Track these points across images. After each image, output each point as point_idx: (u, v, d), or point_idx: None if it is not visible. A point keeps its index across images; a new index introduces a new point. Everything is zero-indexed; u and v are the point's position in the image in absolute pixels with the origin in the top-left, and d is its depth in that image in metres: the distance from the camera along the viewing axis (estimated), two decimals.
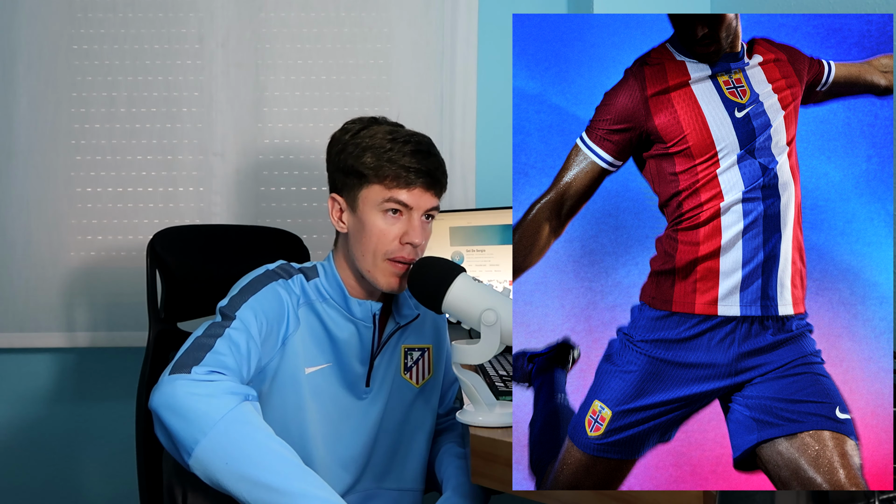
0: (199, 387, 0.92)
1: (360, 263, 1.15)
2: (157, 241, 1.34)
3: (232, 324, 1.04)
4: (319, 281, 1.17)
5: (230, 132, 1.92)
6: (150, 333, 1.31)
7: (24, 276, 1.86)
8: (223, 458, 0.88)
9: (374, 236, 1.13)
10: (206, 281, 1.38)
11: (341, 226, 1.18)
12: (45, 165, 1.88)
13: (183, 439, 0.89)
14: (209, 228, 1.67)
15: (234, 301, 1.08)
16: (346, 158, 1.14)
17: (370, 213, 1.13)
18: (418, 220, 1.14)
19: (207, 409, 0.90)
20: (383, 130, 1.15)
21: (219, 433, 0.89)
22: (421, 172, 1.12)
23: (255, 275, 1.15)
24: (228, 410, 0.90)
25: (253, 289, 1.11)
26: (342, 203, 1.17)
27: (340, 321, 1.17)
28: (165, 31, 1.92)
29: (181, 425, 0.90)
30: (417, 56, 1.93)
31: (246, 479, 0.87)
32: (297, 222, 1.93)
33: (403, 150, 1.12)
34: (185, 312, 1.38)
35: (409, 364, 1.26)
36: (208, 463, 0.89)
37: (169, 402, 0.91)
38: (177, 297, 1.35)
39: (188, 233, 1.47)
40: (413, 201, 1.13)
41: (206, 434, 0.88)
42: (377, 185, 1.12)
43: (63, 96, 1.90)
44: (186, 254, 1.38)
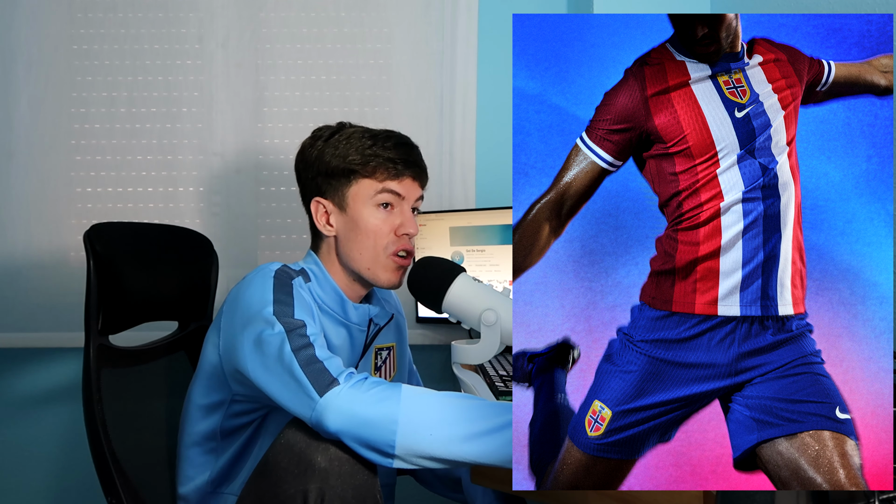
0: (356, 394, 0.93)
1: (357, 263, 1.15)
2: (94, 235, 1.14)
3: (308, 329, 1.01)
4: (313, 286, 1.15)
5: (230, 132, 1.92)
6: (91, 344, 1.11)
7: (24, 276, 1.86)
8: (425, 433, 0.91)
9: (370, 232, 1.13)
10: (136, 286, 1.21)
11: (329, 229, 1.17)
12: (45, 165, 1.88)
13: (379, 442, 0.91)
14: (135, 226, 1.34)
15: (280, 308, 1.04)
16: (330, 160, 1.15)
17: (362, 210, 1.14)
18: (409, 212, 1.16)
19: (381, 405, 0.92)
20: (358, 131, 1.17)
21: (409, 415, 0.91)
22: (409, 163, 1.15)
23: (273, 277, 1.09)
24: (398, 395, 0.93)
25: (287, 291, 1.07)
26: (328, 205, 1.16)
27: (332, 327, 1.16)
28: (165, 31, 1.92)
29: (372, 432, 0.91)
30: (417, 56, 1.93)
31: (452, 440, 0.90)
32: (297, 222, 1.93)
33: (386, 145, 1.14)
34: (119, 323, 1.18)
35: (379, 363, 1.27)
36: (414, 445, 0.91)
37: (348, 421, 0.92)
38: (111, 305, 1.15)
39: (117, 230, 1.23)
40: (405, 191, 1.15)
41: (397, 421, 0.91)
42: (367, 180, 1.14)
43: (63, 96, 1.90)
44: (116, 253, 1.17)
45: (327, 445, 0.91)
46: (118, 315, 1.18)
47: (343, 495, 0.88)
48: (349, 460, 0.91)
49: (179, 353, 1.36)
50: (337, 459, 0.90)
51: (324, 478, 0.88)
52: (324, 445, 0.91)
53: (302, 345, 0.99)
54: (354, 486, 0.89)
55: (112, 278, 1.15)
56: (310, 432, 0.93)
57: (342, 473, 0.89)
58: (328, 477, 0.88)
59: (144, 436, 1.25)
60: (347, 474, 0.89)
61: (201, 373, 1.14)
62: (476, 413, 0.92)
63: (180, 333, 1.36)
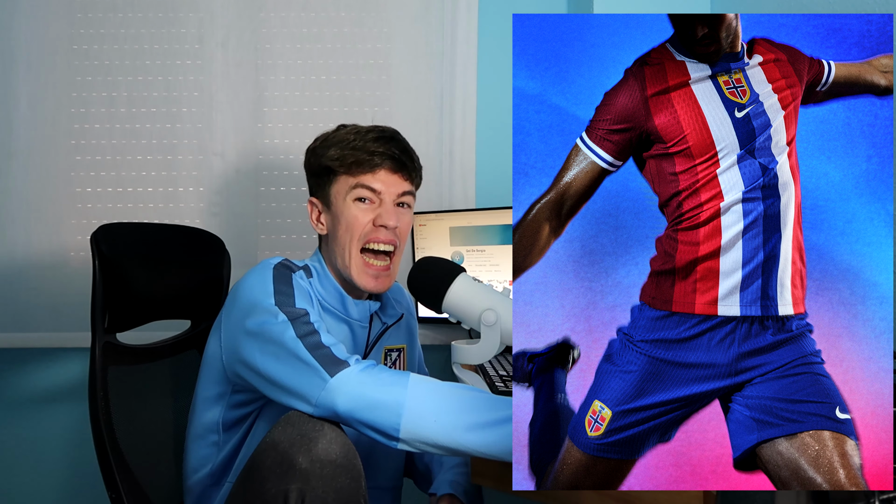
0: (365, 377, 0.96)
1: (338, 262, 1.16)
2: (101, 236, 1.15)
3: (311, 317, 1.03)
4: (314, 283, 1.17)
5: (230, 132, 1.92)
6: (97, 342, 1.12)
7: (24, 276, 1.86)
8: (430, 419, 0.93)
9: (349, 225, 1.14)
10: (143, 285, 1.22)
11: (320, 227, 1.19)
12: (45, 165, 1.88)
13: (384, 425, 0.94)
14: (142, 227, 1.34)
15: (281, 298, 1.06)
16: (317, 160, 1.18)
17: (342, 206, 1.15)
18: (391, 205, 1.15)
19: (390, 389, 0.95)
20: (349, 129, 1.19)
21: (415, 399, 0.94)
22: (384, 155, 1.14)
23: (273, 270, 1.10)
24: (406, 381, 0.96)
25: (287, 282, 1.09)
26: (318, 204, 1.20)
27: (333, 323, 1.17)
28: (165, 31, 1.92)
29: (378, 414, 0.94)
30: (417, 56, 1.93)
31: (456, 428, 0.92)
32: (296, 222, 1.93)
33: (366, 139, 1.14)
34: (126, 321, 1.19)
35: (388, 365, 1.26)
36: (418, 430, 0.93)
37: (356, 402, 0.95)
38: (118, 304, 1.16)
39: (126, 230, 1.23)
40: (380, 185, 1.14)
41: (404, 406, 0.93)
42: (344, 176, 1.15)
43: (63, 96, 1.90)
44: (124, 254, 1.18)
45: (310, 447, 0.90)
46: (126, 313, 1.19)
47: (324, 498, 0.87)
48: (332, 463, 0.89)
49: (191, 351, 1.37)
50: (319, 462, 0.88)
51: (305, 479, 0.87)
52: (307, 447, 0.90)
53: (307, 331, 1.01)
54: (336, 489, 0.88)
55: (118, 278, 1.16)
56: (295, 433, 0.92)
57: (324, 476, 0.88)
58: (309, 478, 0.87)
59: (151, 432, 1.26)
60: (329, 477, 0.88)
61: (205, 366, 1.17)
62: (481, 404, 0.94)
63: (192, 332, 1.37)
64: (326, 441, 0.90)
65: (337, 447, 0.90)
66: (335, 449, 0.90)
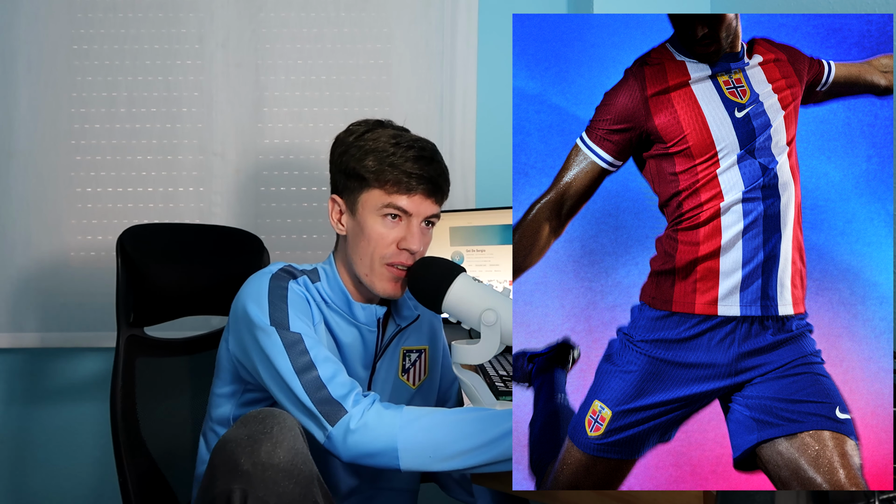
0: (359, 427, 1.00)
1: (357, 268, 1.14)
2: (127, 239, 1.32)
3: (305, 343, 1.06)
4: (321, 285, 1.17)
5: (230, 132, 1.92)
6: (120, 337, 1.27)
7: (24, 275, 1.86)
8: (425, 454, 0.98)
9: (371, 240, 1.12)
10: (173, 283, 1.37)
11: (340, 228, 1.17)
12: (45, 165, 1.88)
13: (388, 466, 1.00)
14: (174, 227, 1.60)
15: (276, 315, 1.07)
16: (349, 161, 1.13)
17: (369, 218, 1.12)
18: (417, 227, 1.13)
19: (381, 439, 0.99)
20: (387, 134, 1.13)
21: (407, 442, 0.98)
22: (423, 179, 1.11)
23: (269, 281, 1.11)
24: (397, 422, 0.99)
25: (282, 296, 1.09)
26: (342, 205, 1.17)
27: (344, 325, 1.16)
28: (165, 31, 1.92)
29: (378, 460, 0.99)
30: (417, 56, 1.93)
31: (452, 456, 0.97)
32: (297, 222, 1.93)
33: (406, 156, 1.10)
34: (154, 316, 1.35)
35: (407, 366, 1.26)
36: (417, 466, 0.99)
37: (355, 455, 1.00)
38: (145, 300, 1.32)
39: (154, 231, 1.45)
40: (413, 208, 1.12)
41: (398, 449, 0.98)
42: (377, 190, 1.11)
43: (63, 96, 1.90)
44: (153, 254, 1.36)
45: (254, 449, 0.88)
46: (153, 308, 1.32)
47: (266, 501, 0.86)
48: (274, 467, 0.87)
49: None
50: (261, 465, 0.87)
51: (247, 481, 0.86)
52: (251, 449, 0.88)
53: (304, 365, 1.03)
54: (278, 494, 0.87)
55: (144, 277, 1.30)
56: (244, 434, 0.91)
57: (265, 479, 0.87)
58: (251, 480, 0.86)
59: (173, 422, 1.36)
60: (271, 481, 0.87)
61: (219, 365, 1.20)
62: (476, 428, 0.96)
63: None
64: (271, 444, 0.88)
65: (282, 452, 0.88)
66: (279, 453, 0.88)
